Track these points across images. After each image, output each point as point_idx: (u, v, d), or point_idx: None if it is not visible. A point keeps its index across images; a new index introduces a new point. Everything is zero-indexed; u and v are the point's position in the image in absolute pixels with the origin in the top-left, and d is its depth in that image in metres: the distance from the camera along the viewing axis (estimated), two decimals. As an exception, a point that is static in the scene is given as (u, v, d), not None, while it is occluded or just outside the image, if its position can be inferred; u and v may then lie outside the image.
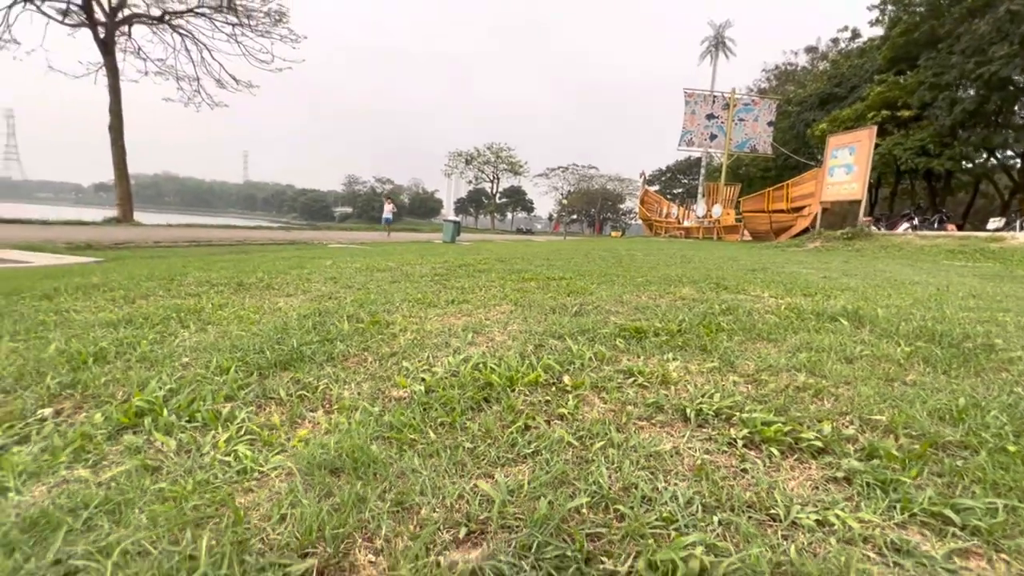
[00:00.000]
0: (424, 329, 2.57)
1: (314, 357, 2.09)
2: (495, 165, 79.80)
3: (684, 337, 2.31)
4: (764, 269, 6.12)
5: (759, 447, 1.26)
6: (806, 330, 2.39)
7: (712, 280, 4.19)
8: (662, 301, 3.18)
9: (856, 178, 14.60)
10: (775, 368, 1.84)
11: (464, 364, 1.95)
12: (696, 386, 1.67)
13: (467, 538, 0.89)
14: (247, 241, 17.24)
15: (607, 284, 3.99)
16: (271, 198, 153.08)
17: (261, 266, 5.81)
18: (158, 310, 3.03)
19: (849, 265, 7.13)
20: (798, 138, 32.82)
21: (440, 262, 6.79)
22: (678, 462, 1.19)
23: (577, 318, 2.74)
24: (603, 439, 1.30)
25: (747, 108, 32.21)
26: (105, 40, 21.10)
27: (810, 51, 45.39)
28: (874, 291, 3.75)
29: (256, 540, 0.86)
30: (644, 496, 1.02)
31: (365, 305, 3.18)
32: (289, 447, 1.27)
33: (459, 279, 4.62)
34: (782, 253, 10.83)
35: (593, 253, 9.60)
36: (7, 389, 1.76)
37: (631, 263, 6.92)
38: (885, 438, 1.24)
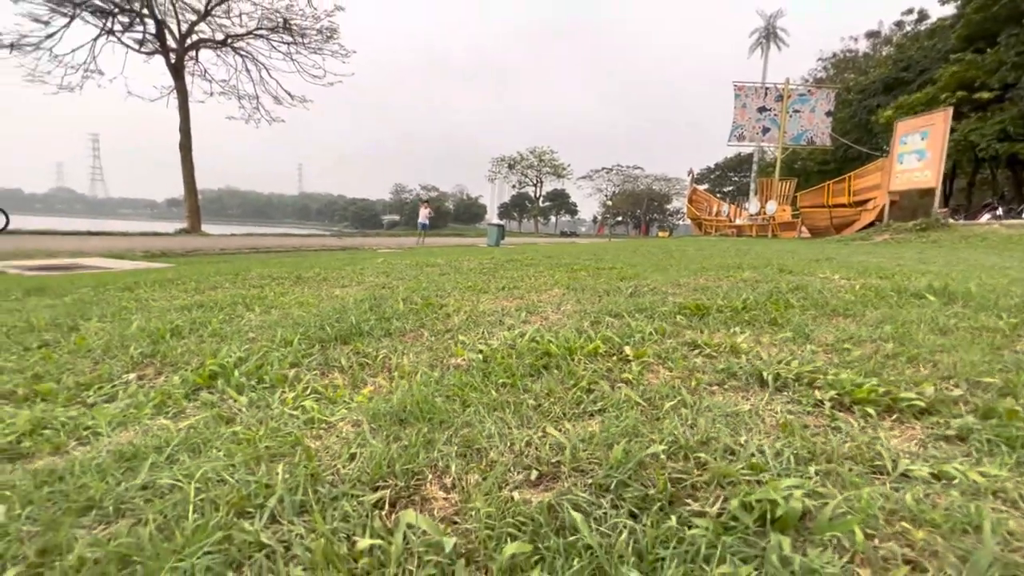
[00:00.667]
0: (477, 310, 2.57)
1: (372, 332, 2.12)
2: (538, 169, 79.84)
3: (750, 313, 2.18)
4: (829, 259, 5.76)
5: (850, 408, 1.15)
6: (887, 306, 2.20)
7: (774, 266, 3.97)
8: (722, 283, 3.03)
9: (929, 165, 13.50)
10: (857, 339, 1.70)
11: (520, 337, 1.92)
12: (770, 355, 1.56)
13: (539, 480, 0.86)
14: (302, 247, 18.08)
15: (660, 271, 3.86)
16: (324, 208, 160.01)
17: (317, 264, 6.04)
18: (226, 297, 3.19)
19: (926, 255, 6.60)
20: (860, 127, 30.91)
21: (487, 259, 6.83)
22: (758, 421, 1.11)
23: (633, 299, 2.65)
24: (674, 399, 1.22)
25: (803, 99, 30.61)
26: (176, 65, 22.79)
27: (871, 36, 42.69)
28: (960, 274, 3.43)
29: (328, 474, 0.85)
30: (726, 448, 0.94)
31: (417, 291, 3.21)
32: (353, 404, 1.27)
33: (507, 271, 4.62)
34: (846, 246, 10.17)
35: (641, 249, 9.38)
36: (96, 359, 1.89)
37: (683, 256, 6.70)
38: (1002, 399, 1.10)
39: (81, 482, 0.85)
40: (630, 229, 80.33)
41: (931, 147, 13.38)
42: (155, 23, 21.88)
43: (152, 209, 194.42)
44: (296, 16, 24.48)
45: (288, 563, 0.65)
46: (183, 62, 23.50)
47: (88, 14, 20.10)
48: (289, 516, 0.74)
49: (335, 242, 21.50)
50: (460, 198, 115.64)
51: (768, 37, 55.71)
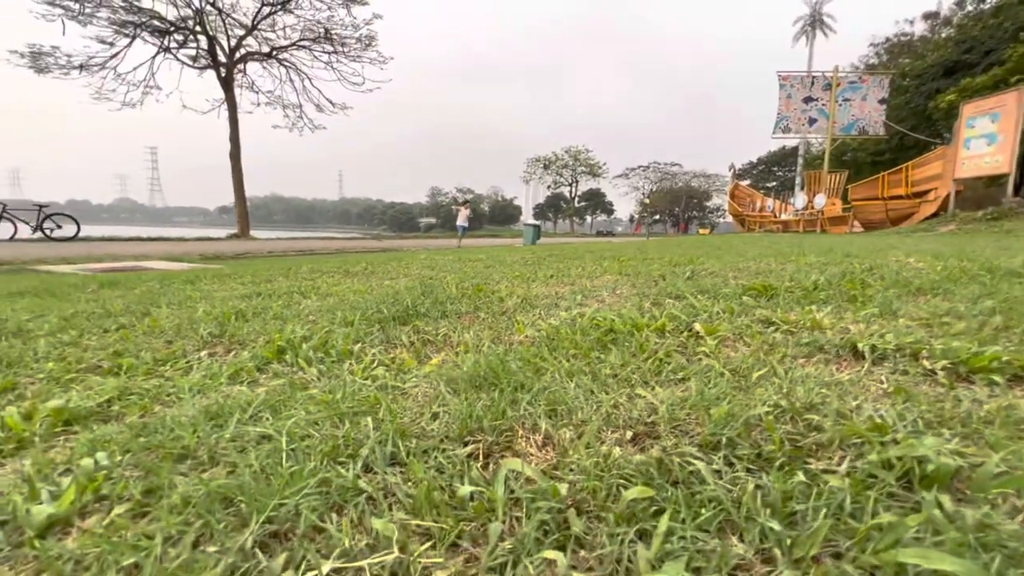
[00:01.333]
0: (530, 294, 2.53)
1: (428, 314, 2.11)
2: (573, 168, 79.21)
3: (824, 293, 2.04)
4: (894, 247, 5.43)
5: (968, 378, 1.04)
6: (979, 285, 2.02)
7: (837, 252, 3.75)
8: (785, 267, 2.88)
9: (1001, 149, 12.53)
10: (956, 313, 1.55)
11: (580, 317, 1.86)
12: (859, 329, 1.45)
13: (635, 439, 0.80)
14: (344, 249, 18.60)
15: (714, 258, 3.71)
16: (363, 212, 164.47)
17: (362, 261, 6.17)
18: (282, 287, 3.28)
19: (1005, 242, 6.11)
20: (917, 114, 29.15)
21: (528, 254, 6.80)
22: (864, 389, 1.01)
23: (692, 281, 2.55)
24: (763, 369, 1.14)
25: (853, 87, 29.08)
26: (226, 78, 23.94)
27: (929, 18, 40.19)
28: (1055, 255, 3.14)
29: (415, 428, 0.83)
30: (837, 412, 0.86)
31: (466, 280, 3.21)
32: (423, 373, 1.26)
33: (552, 263, 4.56)
34: (907, 238, 9.56)
35: (685, 244, 9.14)
36: (169, 339, 1.96)
37: (730, 248, 6.46)
38: None
39: (175, 434, 0.86)
40: (668, 228, 78.56)
41: (1003, 130, 12.42)
42: (207, 39, 23.07)
43: (204, 216, 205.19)
44: (336, 26, 25.24)
45: (391, 507, 0.62)
46: (232, 75, 24.66)
47: (147, 34, 21.39)
48: (383, 467, 0.72)
49: (375, 244, 22.04)
50: (495, 199, 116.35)
51: (814, 24, 53.38)
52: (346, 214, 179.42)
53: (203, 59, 24.11)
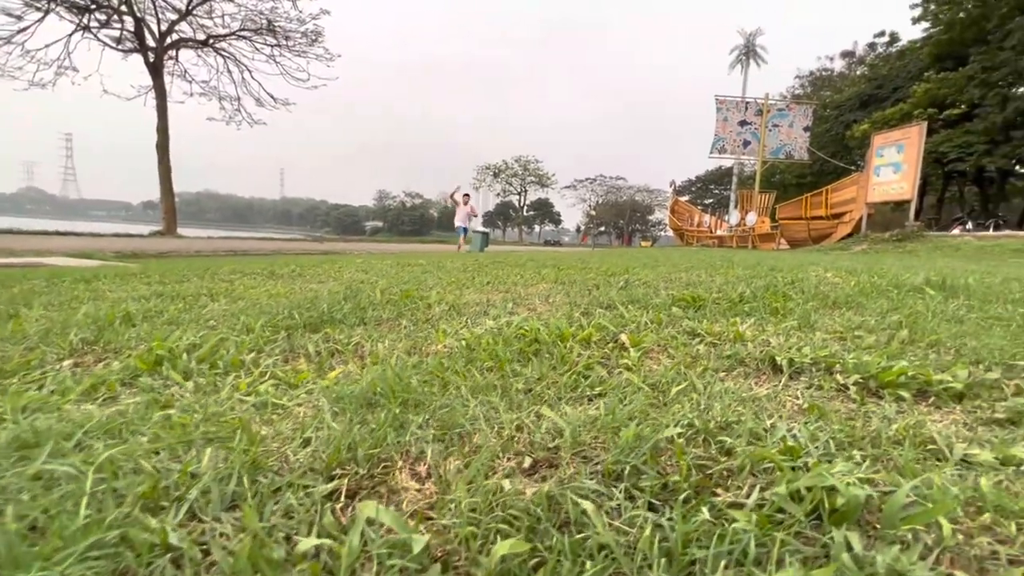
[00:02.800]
0: (460, 301, 2.41)
1: (345, 320, 1.95)
2: (522, 178, 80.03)
3: (748, 305, 2.07)
4: (813, 264, 5.77)
5: (878, 393, 1.03)
6: (888, 299, 2.12)
7: (764, 266, 3.91)
8: (714, 279, 2.93)
9: (905, 177, 13.84)
10: (867, 327, 1.59)
11: (507, 325, 1.77)
12: (778, 342, 1.44)
13: (533, 468, 0.71)
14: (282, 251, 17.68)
15: (649, 269, 3.76)
16: (306, 213, 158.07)
17: (294, 263, 5.81)
18: (191, 289, 2.98)
19: (904, 261, 6.67)
20: (836, 142, 31.79)
21: (472, 260, 6.67)
22: (780, 406, 0.97)
23: (625, 291, 2.53)
24: (682, 384, 1.09)
25: (781, 114, 31.32)
26: (154, 64, 22.23)
27: (846, 56, 44.14)
28: (950, 273, 3.40)
29: (274, 461, 0.69)
30: (751, 432, 0.81)
31: (397, 285, 3.04)
32: (317, 388, 1.11)
33: (493, 270, 4.47)
34: (827, 255, 10.29)
35: (627, 255, 9.34)
36: (31, 346, 1.68)
37: (667, 260, 6.65)
38: (1046, 381, 0.99)
39: (-47, 473, 0.67)
40: (613, 239, 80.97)
41: (907, 160, 13.73)
42: (134, 21, 21.34)
43: (127, 211, 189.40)
44: (280, 18, 24.08)
45: (201, 571, 0.48)
46: (162, 61, 22.96)
47: (63, 9, 19.49)
48: (215, 511, 0.58)
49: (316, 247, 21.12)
50: (444, 205, 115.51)
51: (748, 54, 57.18)
52: (287, 214, 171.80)
53: (128, 42, 22.29)
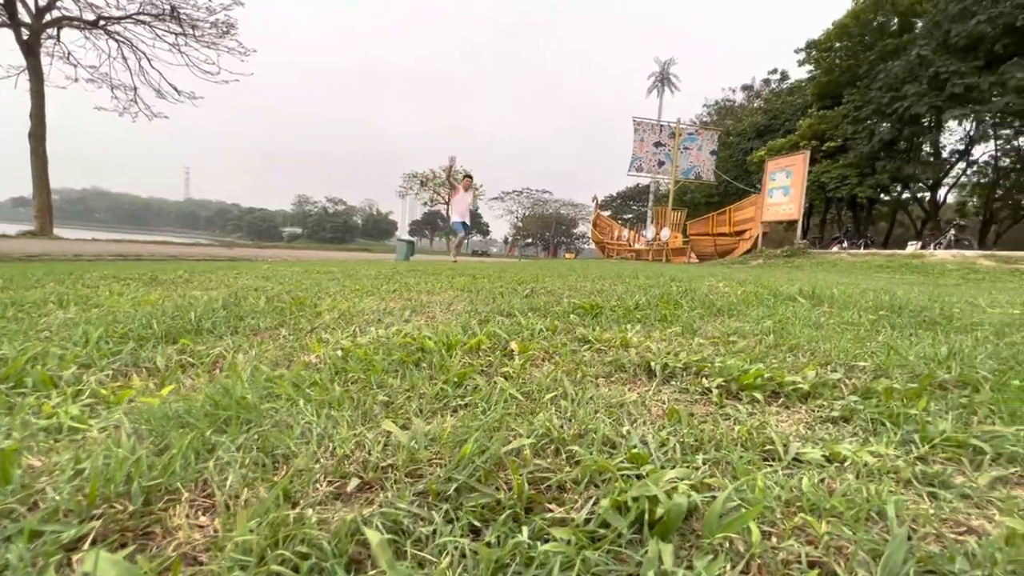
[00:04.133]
0: (355, 309, 2.27)
1: (214, 330, 1.74)
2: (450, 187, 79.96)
3: (642, 312, 2.13)
4: (712, 275, 6.18)
5: (737, 395, 1.06)
6: (766, 306, 2.27)
7: (665, 276, 4.11)
8: (618, 288, 3.02)
9: (793, 199, 15.44)
10: (742, 332, 1.68)
11: (396, 334, 1.67)
12: (659, 347, 1.47)
13: (360, 490, 0.62)
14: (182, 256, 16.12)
15: (560, 278, 3.81)
16: (214, 217, 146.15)
17: (185, 268, 5.27)
18: (37, 295, 2.56)
19: (792, 275, 7.36)
20: (738, 167, 34.87)
21: (389, 268, 6.43)
22: (645, 411, 0.97)
23: (528, 299, 2.52)
24: (555, 391, 1.06)
25: (691, 138, 33.87)
26: (29, 42, 19.57)
27: (746, 89, 48.85)
28: (823, 285, 3.77)
29: (16, 500, 0.55)
30: (605, 439, 0.78)
31: (292, 292, 2.82)
32: (135, 406, 0.94)
33: (406, 278, 4.32)
34: (728, 268, 11.16)
35: (547, 267, 9.52)
36: None
37: (584, 270, 6.85)
38: (877, 380, 1.07)
39: None
40: (539, 251, 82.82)
41: (794, 184, 15.33)
42: (2, -10, 18.77)
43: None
44: (187, 5, 22.22)
45: None
46: (39, 40, 20.33)
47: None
48: None
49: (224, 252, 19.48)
50: (369, 213, 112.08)
51: (663, 81, 61.48)
52: (192, 217, 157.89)
53: (-4, 14, 19.53)
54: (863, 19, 26.20)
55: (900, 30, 25.34)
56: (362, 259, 19.54)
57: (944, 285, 6.28)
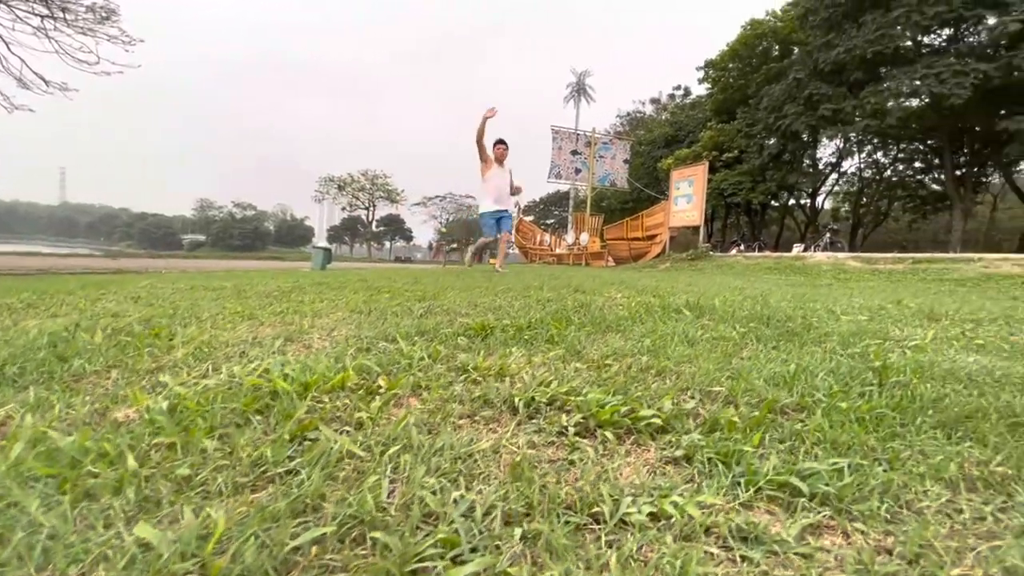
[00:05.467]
0: (218, 340, 2.02)
1: (19, 378, 1.45)
2: (371, 192, 77.01)
3: (532, 331, 2.10)
4: (621, 282, 6.40)
5: (593, 433, 1.03)
6: (652, 320, 2.33)
7: (571, 287, 4.17)
8: (518, 303, 2.99)
9: (695, 207, 16.62)
10: (620, 353, 1.68)
11: (254, 372, 1.49)
12: (535, 376, 1.43)
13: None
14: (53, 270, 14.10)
15: (465, 292, 3.73)
16: (97, 223, 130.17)
17: (31, 288, 4.53)
18: None
19: (692, 279, 7.85)
20: (649, 174, 37.03)
21: (290, 282, 5.98)
22: (492, 463, 0.90)
23: (420, 320, 2.40)
24: (400, 443, 0.96)
25: (606, 147, 35.47)
26: None
27: (654, 102, 52.18)
28: (713, 292, 3.99)
29: None
30: (427, 513, 0.70)
31: (152, 320, 2.48)
32: None
33: (304, 294, 4.01)
34: (638, 272, 11.73)
35: (465, 274, 9.42)
36: None
37: (501, 278, 6.83)
38: (726, 408, 1.09)
39: None
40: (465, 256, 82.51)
41: (696, 192, 16.51)
42: None
43: None
44: (54, -16, 19.58)
45: None
46: None
47: None
48: None
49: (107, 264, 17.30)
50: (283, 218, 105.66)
51: (579, 91, 63.95)
52: (70, 223, 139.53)
53: None
54: (751, 44, 28.95)
55: (781, 56, 28.33)
56: (272, 268, 18.27)
57: (819, 286, 6.98)
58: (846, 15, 21.03)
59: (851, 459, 0.83)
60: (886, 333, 1.90)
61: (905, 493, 0.75)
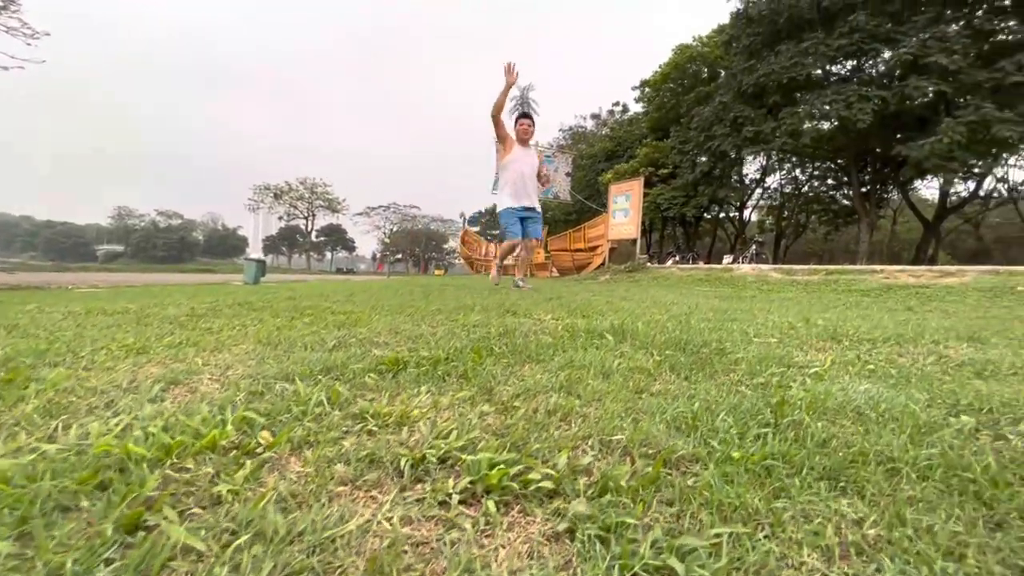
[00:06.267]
0: (85, 386, 1.77)
1: None
2: (310, 201, 74.14)
3: (449, 365, 2.00)
4: (559, 298, 6.44)
5: (478, 501, 0.94)
6: (575, 348, 2.30)
7: (504, 307, 4.11)
8: (442, 328, 2.88)
9: (632, 220, 17.23)
10: (532, 391, 1.62)
11: (108, 433, 1.29)
12: (436, 425, 1.33)
13: None
14: (-76, 287, 12.34)
15: (393, 314, 3.57)
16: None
17: None
18: None
19: (628, 292, 8.05)
20: (591, 187, 38.09)
21: (210, 301, 5.52)
22: (355, 552, 0.79)
23: (331, 353, 2.24)
24: (250, 530, 0.83)
25: (549, 160, 36.15)
26: None
27: (595, 117, 53.97)
28: (642, 310, 4.06)
29: None
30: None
31: (14, 359, 2.16)
32: None
33: (216, 319, 3.69)
34: (579, 284, 11.93)
35: (404, 289, 9.17)
36: None
37: (439, 295, 6.68)
38: (621, 464, 1.04)
39: None
40: (410, 267, 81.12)
41: (633, 207, 17.11)
42: None
43: None
44: (-68, -33, 17.65)
45: None
46: None
47: None
48: None
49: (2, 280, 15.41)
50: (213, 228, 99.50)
51: (523, 104, 65.01)
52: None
53: None
54: (681, 67, 30.64)
55: (709, 78, 30.19)
56: (198, 283, 17.07)
57: (744, 298, 7.35)
58: (764, 43, 22.75)
59: (733, 528, 0.79)
60: (791, 359, 1.95)
61: (781, 568, 0.72)
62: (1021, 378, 1.61)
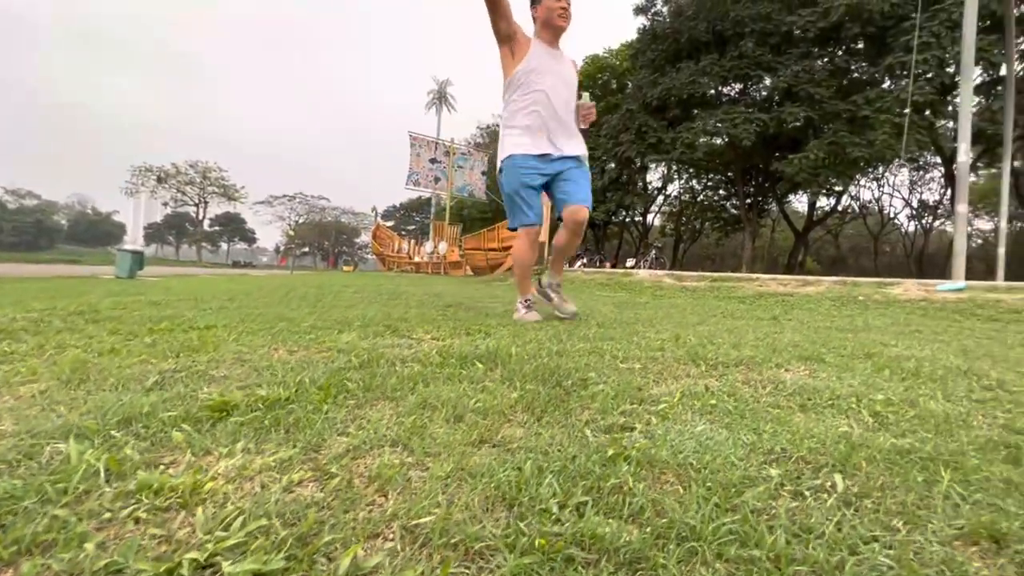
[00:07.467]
0: None
1: None
2: (202, 187, 67.12)
3: (284, 409, 1.77)
4: (458, 305, 6.32)
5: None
6: (438, 380, 2.17)
7: (389, 321, 3.88)
8: (300, 355, 2.62)
9: (543, 223, 17.64)
10: (367, 445, 1.46)
11: None
12: (226, 505, 1.12)
13: None
14: None
15: (255, 334, 3.21)
16: None
17: None
18: None
19: (531, 298, 8.09)
20: (506, 187, 38.49)
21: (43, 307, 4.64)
22: None
23: (145, 395, 1.91)
24: None
25: (464, 158, 36.03)
26: None
27: (512, 117, 54.53)
28: (528, 326, 4.03)
29: None
30: None
31: None
32: None
33: (28, 337, 3.06)
34: (486, 287, 11.90)
35: (299, 289, 8.51)
36: None
37: (333, 300, 6.25)
38: (414, 562, 0.91)
39: None
40: (318, 261, 76.62)
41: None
42: None
43: None
44: None
45: None
46: None
47: None
48: None
49: None
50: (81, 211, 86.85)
51: (441, 99, 64.08)
52: None
53: None
54: (592, 76, 31.92)
55: (618, 88, 31.76)
56: (51, 276, 14.70)
57: (637, 304, 7.70)
58: (667, 60, 24.39)
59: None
60: (646, 391, 1.94)
61: None
62: (836, 410, 1.72)
